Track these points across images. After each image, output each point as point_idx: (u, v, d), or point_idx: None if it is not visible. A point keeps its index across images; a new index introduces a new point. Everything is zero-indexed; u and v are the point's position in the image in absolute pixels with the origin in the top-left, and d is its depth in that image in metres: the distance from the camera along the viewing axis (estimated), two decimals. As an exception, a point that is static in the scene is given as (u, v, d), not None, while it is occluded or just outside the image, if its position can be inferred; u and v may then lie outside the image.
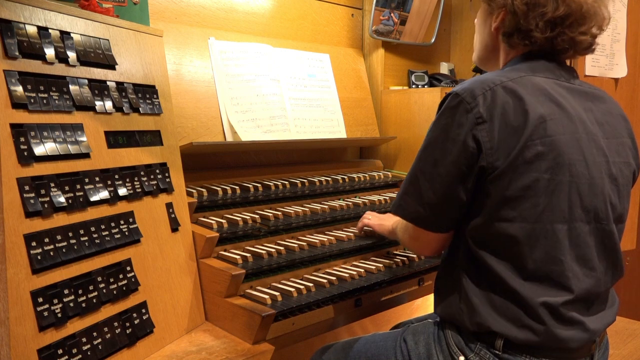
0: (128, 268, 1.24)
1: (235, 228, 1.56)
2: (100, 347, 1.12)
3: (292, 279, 1.53)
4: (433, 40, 2.53)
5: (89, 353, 1.10)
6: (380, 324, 2.29)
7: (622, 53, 2.47)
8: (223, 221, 1.54)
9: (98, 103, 1.25)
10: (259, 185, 1.78)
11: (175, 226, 1.40)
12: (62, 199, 1.11)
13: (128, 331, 1.20)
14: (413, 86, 2.44)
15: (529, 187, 1.11)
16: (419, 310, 2.38)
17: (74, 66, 1.21)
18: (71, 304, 1.08)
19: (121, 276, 1.21)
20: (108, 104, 1.27)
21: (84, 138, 1.19)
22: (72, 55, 1.21)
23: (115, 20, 1.36)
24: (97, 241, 1.17)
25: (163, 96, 1.46)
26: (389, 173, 2.22)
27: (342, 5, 2.35)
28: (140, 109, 1.37)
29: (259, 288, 1.45)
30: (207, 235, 1.45)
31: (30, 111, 1.08)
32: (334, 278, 1.53)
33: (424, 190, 1.19)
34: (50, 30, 1.17)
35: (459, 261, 1.22)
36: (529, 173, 1.10)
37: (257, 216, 1.64)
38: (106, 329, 1.15)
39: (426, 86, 2.44)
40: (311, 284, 1.48)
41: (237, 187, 1.70)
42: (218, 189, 1.65)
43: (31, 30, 1.12)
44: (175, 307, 1.35)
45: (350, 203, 1.90)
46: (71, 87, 1.19)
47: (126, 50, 1.37)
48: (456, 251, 1.24)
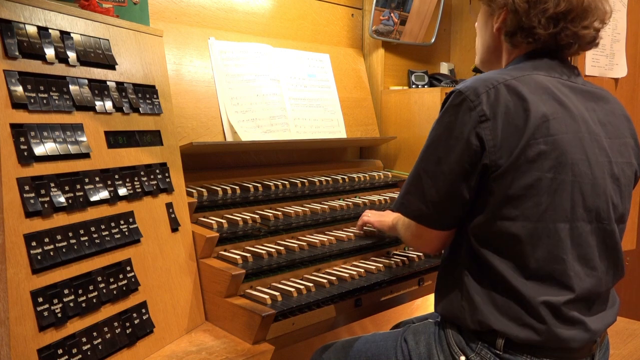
0: (128, 268, 1.24)
1: (235, 228, 1.56)
2: (100, 347, 1.12)
3: (292, 279, 1.53)
4: (433, 40, 2.53)
5: (89, 353, 1.10)
6: (380, 324, 2.29)
7: (622, 53, 2.47)
8: (223, 221, 1.54)
9: (98, 103, 1.25)
10: (259, 185, 1.78)
11: (175, 226, 1.40)
12: (62, 199, 1.11)
13: (128, 331, 1.20)
14: (413, 86, 2.44)
15: (532, 186, 1.11)
16: (419, 310, 2.38)
17: (74, 66, 1.21)
18: (71, 304, 1.08)
19: (121, 276, 1.21)
20: (108, 104, 1.27)
21: (84, 138, 1.19)
22: (72, 55, 1.21)
23: (115, 20, 1.36)
24: (97, 241, 1.17)
25: (163, 96, 1.46)
26: (389, 173, 2.22)
27: (342, 5, 2.35)
28: (140, 109, 1.37)
29: (259, 288, 1.45)
30: (207, 235, 1.45)
31: (30, 111, 1.08)
32: (334, 278, 1.53)
33: (427, 188, 1.19)
34: (50, 30, 1.17)
35: (461, 259, 1.22)
36: (532, 172, 1.10)
37: (257, 216, 1.64)
38: (106, 329, 1.15)
39: (426, 86, 2.44)
40: (311, 284, 1.48)
41: (237, 187, 1.70)
42: (218, 189, 1.65)
43: (31, 30, 1.12)
44: (175, 307, 1.35)
45: (350, 203, 1.90)
46: (71, 87, 1.19)
47: (126, 50, 1.37)
48: (458, 249, 1.24)
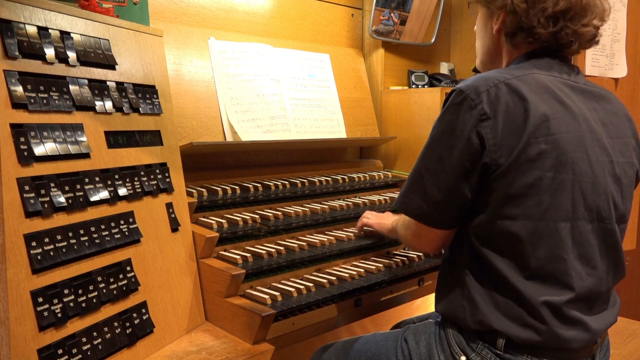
0: (128, 268, 1.24)
1: (235, 228, 1.56)
2: (100, 347, 1.12)
3: (292, 279, 1.53)
4: (433, 40, 2.53)
5: (89, 353, 1.10)
6: (380, 324, 2.29)
7: (622, 53, 2.47)
8: (223, 221, 1.54)
9: (98, 103, 1.25)
10: (259, 185, 1.78)
11: (175, 226, 1.40)
12: (62, 199, 1.11)
13: (128, 331, 1.20)
14: (413, 86, 2.44)
15: (533, 185, 1.11)
16: (419, 310, 2.38)
17: (74, 66, 1.21)
18: (71, 304, 1.08)
19: (121, 276, 1.21)
20: (108, 104, 1.27)
21: (84, 138, 1.19)
22: (72, 55, 1.21)
23: (115, 20, 1.36)
24: (97, 241, 1.17)
25: (163, 96, 1.46)
26: (389, 173, 2.22)
27: (342, 5, 2.35)
28: (140, 109, 1.37)
29: (259, 288, 1.45)
30: (207, 235, 1.45)
31: (30, 111, 1.08)
32: (334, 278, 1.53)
33: (428, 186, 1.19)
34: (50, 30, 1.17)
35: (462, 258, 1.22)
36: (533, 171, 1.10)
37: (257, 216, 1.64)
38: (106, 329, 1.15)
39: (426, 86, 2.44)
40: (311, 284, 1.48)
41: (237, 187, 1.70)
42: (218, 189, 1.65)
43: (31, 30, 1.12)
44: (175, 307, 1.35)
45: (350, 203, 1.90)
46: (71, 87, 1.19)
47: (126, 50, 1.37)
48: (459, 249, 1.24)
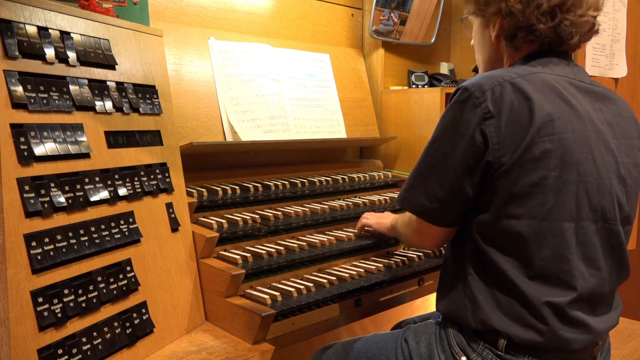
0: (128, 268, 1.24)
1: (235, 228, 1.56)
2: (100, 347, 1.12)
3: (292, 279, 1.53)
4: (433, 40, 2.53)
5: (89, 353, 1.10)
6: (380, 324, 2.29)
7: (622, 53, 2.47)
8: (223, 221, 1.54)
9: (98, 103, 1.25)
10: (259, 185, 1.78)
11: (175, 226, 1.40)
12: (62, 199, 1.11)
13: (128, 331, 1.20)
14: (413, 86, 2.44)
15: (537, 184, 1.11)
16: (419, 310, 2.38)
17: (74, 66, 1.21)
18: (71, 304, 1.08)
19: (121, 276, 1.21)
20: (108, 104, 1.27)
21: (84, 138, 1.19)
22: (72, 55, 1.21)
23: (115, 20, 1.36)
24: (97, 241, 1.17)
25: (163, 96, 1.46)
26: (389, 173, 2.22)
27: (342, 5, 2.35)
28: (140, 109, 1.37)
29: (259, 288, 1.45)
30: (207, 235, 1.45)
31: (30, 111, 1.08)
32: (334, 278, 1.53)
33: (431, 183, 1.19)
34: (50, 30, 1.16)
35: (465, 257, 1.22)
36: (537, 170, 1.10)
37: (257, 216, 1.64)
38: (106, 329, 1.15)
39: (426, 86, 2.44)
40: (311, 284, 1.48)
41: (237, 187, 1.70)
42: (218, 189, 1.65)
43: (31, 30, 1.12)
44: (175, 307, 1.35)
45: (350, 203, 1.90)
46: (71, 87, 1.19)
47: (126, 50, 1.37)
48: (462, 247, 1.24)
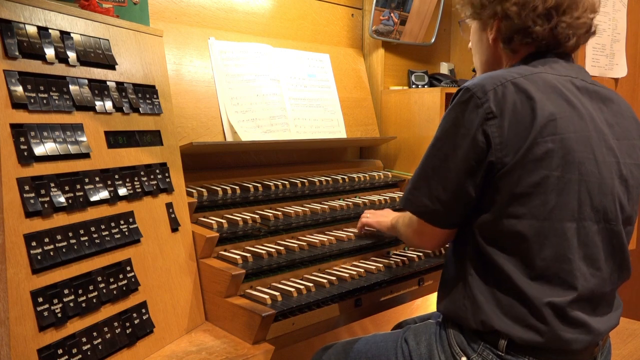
0: (128, 268, 1.24)
1: (235, 228, 1.56)
2: (100, 347, 1.12)
3: (292, 279, 1.53)
4: (433, 40, 2.53)
5: (89, 353, 1.09)
6: (380, 324, 2.29)
7: (622, 53, 2.47)
8: (223, 221, 1.54)
9: (98, 103, 1.25)
10: (259, 185, 1.78)
11: (175, 226, 1.40)
12: (62, 199, 1.11)
13: (128, 331, 1.20)
14: (413, 86, 2.44)
15: (539, 184, 1.11)
16: (419, 310, 2.38)
17: (74, 66, 1.21)
18: (71, 304, 1.08)
19: (121, 276, 1.21)
20: (108, 104, 1.27)
21: (84, 138, 1.19)
22: (72, 55, 1.20)
23: (115, 20, 1.36)
24: (97, 241, 1.17)
25: (163, 96, 1.46)
26: (389, 173, 2.22)
27: (342, 5, 2.35)
28: (140, 109, 1.37)
29: (259, 288, 1.45)
30: (207, 235, 1.45)
31: (30, 111, 1.08)
32: (334, 278, 1.53)
33: (434, 184, 1.19)
34: (50, 30, 1.16)
35: (466, 257, 1.22)
36: (539, 170, 1.10)
37: (257, 216, 1.64)
38: (106, 329, 1.15)
39: (426, 86, 2.44)
40: (311, 284, 1.48)
41: (237, 187, 1.70)
42: (218, 189, 1.65)
43: (31, 30, 1.12)
44: (175, 307, 1.35)
45: (350, 203, 1.90)
46: (71, 87, 1.19)
47: (126, 50, 1.37)
48: (464, 247, 1.23)
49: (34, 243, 1.03)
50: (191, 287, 1.41)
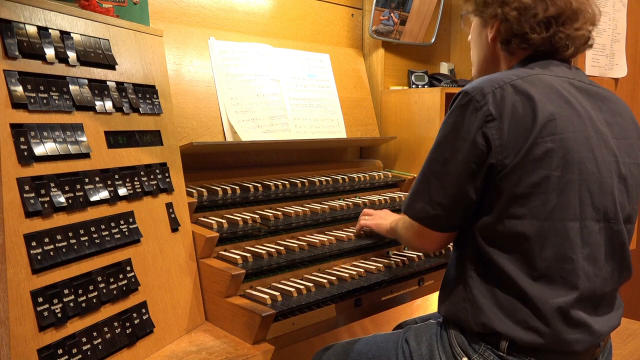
0: (128, 268, 1.24)
1: (235, 228, 1.56)
2: (100, 347, 1.12)
3: (292, 279, 1.53)
4: (433, 40, 2.53)
5: (89, 353, 1.09)
6: (380, 324, 2.29)
7: (622, 53, 2.47)
8: (223, 221, 1.54)
9: (98, 103, 1.25)
10: (259, 185, 1.78)
11: (175, 226, 1.40)
12: (62, 199, 1.11)
13: (128, 331, 1.20)
14: (413, 86, 2.44)
15: (539, 184, 1.11)
16: (419, 310, 2.37)
17: (74, 66, 1.21)
18: (71, 304, 1.08)
19: (121, 276, 1.21)
20: (108, 104, 1.27)
21: (84, 138, 1.19)
22: (72, 55, 1.20)
23: (115, 20, 1.36)
24: (97, 241, 1.17)
25: (163, 96, 1.46)
26: (389, 173, 2.22)
27: (342, 5, 2.35)
28: (140, 109, 1.37)
29: (259, 288, 1.45)
30: (207, 235, 1.45)
31: (30, 111, 1.08)
32: (334, 278, 1.53)
33: (434, 189, 1.19)
34: (50, 30, 1.16)
35: (467, 259, 1.22)
36: (539, 170, 1.10)
37: (257, 216, 1.64)
38: (106, 329, 1.15)
39: (426, 86, 2.44)
40: (311, 284, 1.48)
41: (237, 187, 1.70)
42: (218, 189, 1.65)
43: (31, 30, 1.12)
44: (175, 307, 1.35)
45: (350, 203, 1.90)
46: (71, 87, 1.19)
47: (126, 50, 1.37)
48: (464, 249, 1.23)
49: (34, 243, 1.03)
50: (191, 287, 1.41)
